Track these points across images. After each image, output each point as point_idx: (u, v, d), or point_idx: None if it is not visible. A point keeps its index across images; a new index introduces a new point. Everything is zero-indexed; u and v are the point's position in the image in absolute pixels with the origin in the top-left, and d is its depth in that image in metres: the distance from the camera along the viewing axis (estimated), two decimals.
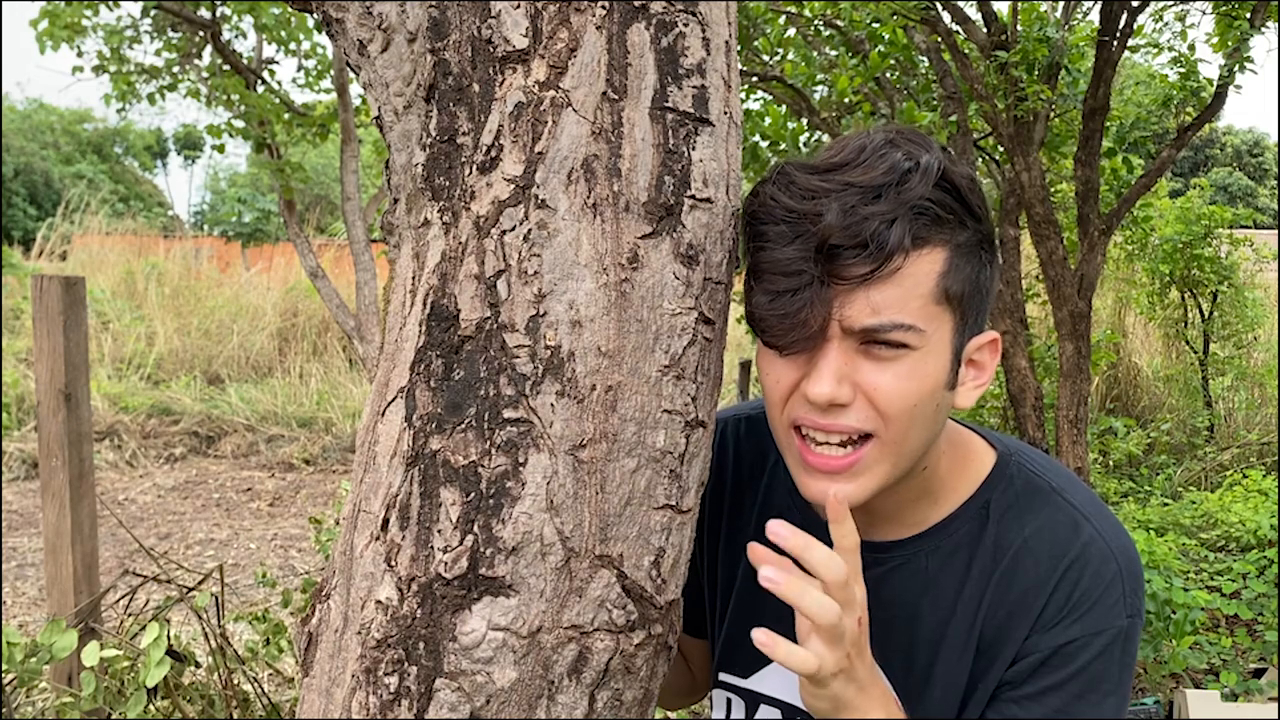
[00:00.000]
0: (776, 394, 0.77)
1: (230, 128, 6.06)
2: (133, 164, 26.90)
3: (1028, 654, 0.79)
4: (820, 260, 0.71)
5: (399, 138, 0.77)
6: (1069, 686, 0.77)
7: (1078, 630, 0.77)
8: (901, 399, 0.73)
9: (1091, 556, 0.79)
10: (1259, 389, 6.79)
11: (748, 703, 0.93)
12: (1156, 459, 5.89)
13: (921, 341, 0.73)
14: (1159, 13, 4.13)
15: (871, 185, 0.71)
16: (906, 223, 0.71)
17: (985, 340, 0.79)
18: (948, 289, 0.73)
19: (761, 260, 0.74)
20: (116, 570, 4.26)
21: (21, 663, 1.92)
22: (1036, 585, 0.79)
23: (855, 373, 0.73)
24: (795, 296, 0.71)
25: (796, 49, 4.52)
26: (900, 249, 0.70)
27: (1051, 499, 0.82)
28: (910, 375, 0.73)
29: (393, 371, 0.75)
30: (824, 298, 0.71)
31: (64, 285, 2.20)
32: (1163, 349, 7.47)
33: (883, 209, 0.70)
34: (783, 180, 0.74)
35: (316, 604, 0.79)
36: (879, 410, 0.74)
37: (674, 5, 0.73)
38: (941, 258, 0.73)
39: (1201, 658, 2.99)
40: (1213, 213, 6.29)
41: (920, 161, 0.72)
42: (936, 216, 0.72)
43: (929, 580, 0.84)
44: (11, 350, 8.19)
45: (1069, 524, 0.81)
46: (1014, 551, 0.81)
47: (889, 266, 0.70)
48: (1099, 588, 0.78)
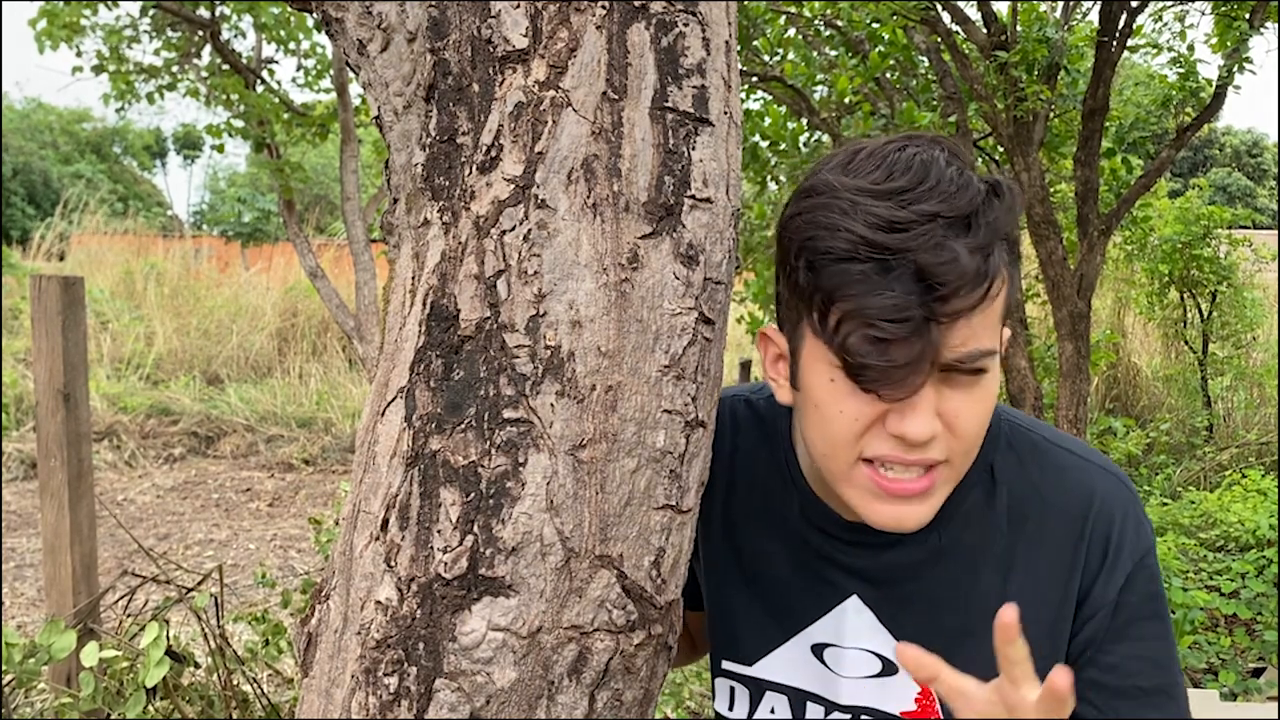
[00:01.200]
0: (850, 430, 0.74)
1: (230, 127, 6.06)
2: (132, 164, 26.89)
3: (1096, 608, 0.81)
4: (927, 302, 0.68)
5: (399, 137, 0.76)
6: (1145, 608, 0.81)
7: (1130, 564, 0.81)
8: (979, 422, 0.74)
9: (1110, 495, 0.82)
10: (1258, 389, 6.80)
11: (752, 691, 0.92)
12: (1156, 459, 5.89)
13: (995, 364, 0.74)
14: (1158, 13, 4.13)
15: (959, 215, 0.69)
16: (1002, 252, 0.70)
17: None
18: (1009, 305, 0.75)
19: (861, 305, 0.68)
20: (115, 571, 4.26)
21: (20, 663, 1.92)
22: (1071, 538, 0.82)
23: (942, 403, 0.73)
24: (907, 344, 0.68)
25: (796, 49, 4.52)
26: (1000, 278, 0.70)
27: (1053, 451, 0.85)
28: (985, 397, 0.74)
29: (392, 371, 0.75)
30: (932, 340, 0.69)
31: (63, 285, 2.20)
32: (1162, 349, 7.47)
33: (980, 242, 0.69)
34: (849, 207, 0.69)
35: (316, 604, 0.79)
36: (957, 435, 0.74)
37: (674, 5, 0.73)
38: (1008, 276, 0.73)
39: (1200, 657, 2.99)
40: (1212, 213, 6.30)
41: (994, 185, 0.72)
42: (1008, 237, 0.72)
43: (942, 551, 0.84)
44: (10, 350, 8.19)
45: (1079, 472, 0.83)
46: (1036, 514, 0.83)
47: (990, 298, 0.70)
48: (1129, 521, 0.82)
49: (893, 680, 0.85)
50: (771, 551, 0.90)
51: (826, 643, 0.88)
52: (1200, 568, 3.78)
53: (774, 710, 0.91)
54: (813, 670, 0.88)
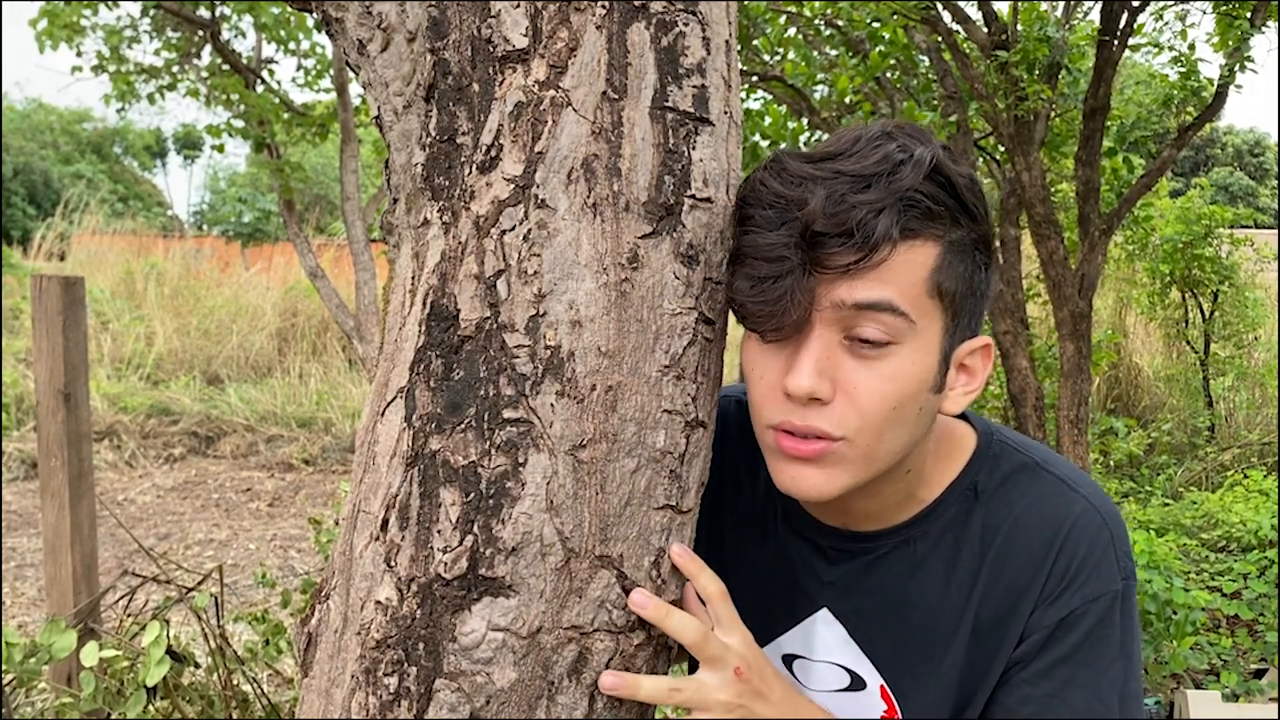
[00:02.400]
0: (760, 390, 0.76)
1: (230, 127, 6.06)
2: (132, 164, 26.89)
3: (1032, 631, 0.78)
4: (804, 247, 0.69)
5: (399, 137, 0.76)
6: (1076, 656, 0.77)
7: (1078, 600, 0.77)
8: (881, 400, 0.72)
9: (1084, 526, 0.78)
10: (1260, 389, 6.79)
11: None
12: (1157, 459, 5.88)
13: (909, 335, 0.71)
14: (1159, 12, 4.13)
15: (862, 174, 0.70)
16: (895, 213, 0.69)
17: (978, 345, 0.77)
18: (940, 284, 0.72)
19: (745, 245, 0.72)
20: (116, 570, 4.26)
21: (21, 663, 1.92)
22: (1033, 561, 0.78)
23: (837, 369, 0.72)
24: (777, 283, 0.69)
25: (796, 49, 4.52)
26: (887, 239, 0.69)
27: (1038, 474, 0.82)
28: (894, 376, 0.71)
29: (392, 371, 0.75)
30: (806, 286, 0.69)
31: (63, 285, 2.20)
32: (1163, 349, 7.47)
33: (871, 198, 0.69)
34: (775, 167, 0.73)
35: (316, 604, 0.79)
36: (858, 410, 0.72)
37: (674, 5, 0.72)
38: (933, 252, 0.71)
39: (1202, 658, 2.99)
40: (1213, 212, 6.29)
41: (914, 153, 0.70)
42: (928, 210, 0.70)
43: (916, 565, 0.82)
44: (11, 350, 8.19)
45: (1059, 497, 0.80)
46: (1006, 530, 0.80)
47: (875, 256, 0.69)
48: (1094, 556, 0.77)
49: (860, 695, 0.85)
50: (752, 556, 0.89)
51: (796, 654, 0.87)
52: (1202, 568, 3.78)
53: None
54: None
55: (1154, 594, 2.75)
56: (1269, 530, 3.76)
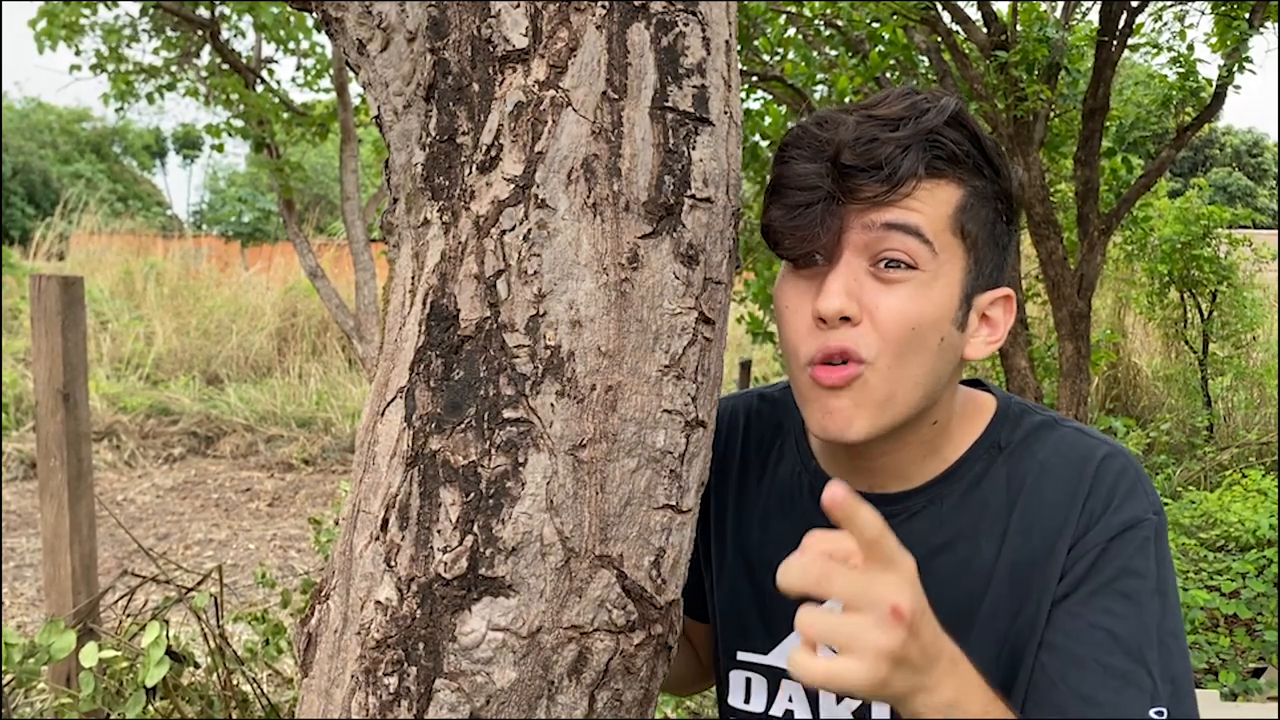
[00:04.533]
0: (794, 326, 0.78)
1: (229, 127, 6.06)
2: (131, 163, 26.87)
3: (1073, 563, 0.78)
4: (835, 177, 0.74)
5: (398, 137, 0.76)
6: (1117, 584, 0.77)
7: (1117, 525, 0.78)
8: (902, 319, 0.75)
9: (1110, 463, 0.81)
10: (1258, 389, 6.80)
11: (769, 679, 0.91)
12: (1156, 459, 5.89)
13: (931, 264, 0.75)
14: (1158, 13, 4.13)
15: (890, 117, 0.75)
16: (920, 150, 0.74)
17: (999, 295, 0.81)
18: (963, 225, 0.76)
19: (780, 175, 0.78)
20: (115, 571, 4.26)
21: (20, 663, 1.92)
22: (1064, 501, 0.80)
23: (862, 293, 0.75)
24: (809, 210, 0.74)
25: (796, 49, 4.52)
26: (913, 174, 0.74)
27: (1057, 427, 0.85)
28: (914, 297, 0.75)
29: (392, 371, 0.75)
30: (836, 213, 0.74)
31: (62, 285, 2.20)
32: (1162, 349, 7.47)
33: (899, 135, 0.74)
34: (814, 117, 0.79)
35: (316, 604, 0.79)
36: (879, 330, 0.75)
37: (674, 5, 0.72)
38: (957, 194, 0.76)
39: (1201, 657, 2.99)
40: (1212, 213, 6.30)
41: (940, 101, 0.76)
42: (952, 153, 0.75)
43: (944, 523, 0.83)
44: (10, 350, 8.19)
45: (1081, 443, 0.82)
46: (1033, 478, 0.82)
47: (901, 190, 0.74)
48: (1125, 485, 0.79)
49: None
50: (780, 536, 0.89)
51: None
52: (1200, 568, 3.78)
53: (791, 700, 0.90)
54: None
55: None
56: (1267, 530, 3.77)
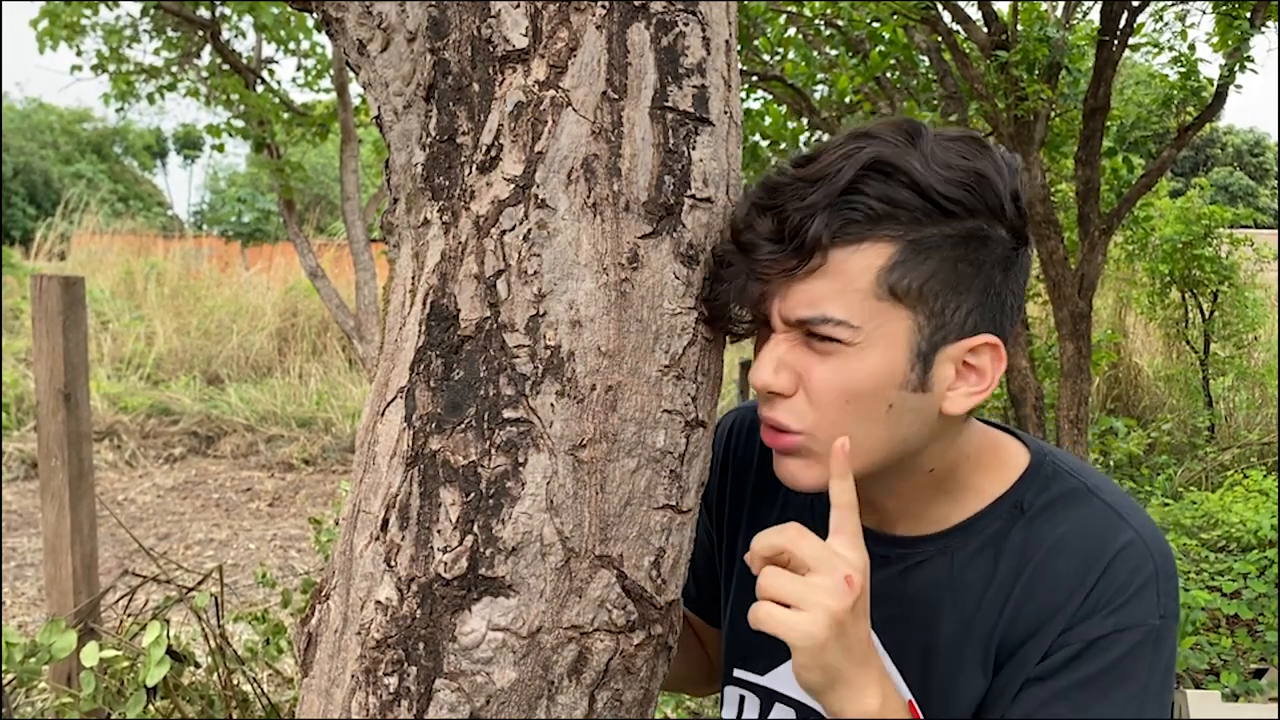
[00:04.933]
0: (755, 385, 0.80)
1: (230, 127, 6.06)
2: (132, 163, 26.87)
3: (1059, 649, 0.75)
4: (742, 254, 0.72)
5: (399, 137, 0.76)
6: (1098, 682, 0.74)
7: (1111, 625, 0.74)
8: (834, 391, 0.72)
9: (1129, 555, 0.75)
10: (1260, 389, 6.79)
11: (763, 700, 0.91)
12: (1157, 459, 5.88)
13: (856, 337, 0.71)
14: (1159, 12, 4.13)
15: (811, 178, 0.71)
16: (827, 217, 0.69)
17: (978, 343, 0.74)
18: (893, 285, 0.70)
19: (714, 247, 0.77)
20: (116, 570, 4.26)
21: (21, 663, 1.92)
22: (1071, 581, 0.76)
23: (796, 362, 0.74)
24: (729, 286, 0.73)
25: (796, 49, 4.52)
26: (818, 245, 0.69)
27: (1088, 499, 0.79)
28: (843, 369, 0.72)
29: (392, 371, 0.75)
30: (752, 290, 0.73)
31: (63, 285, 2.20)
32: (1163, 349, 7.47)
33: (807, 203, 0.70)
34: (760, 177, 0.76)
35: (316, 604, 0.79)
36: (812, 402, 0.74)
37: (674, 5, 0.72)
38: (884, 253, 0.70)
39: (1202, 658, 2.99)
40: (1213, 212, 6.29)
41: (861, 154, 0.70)
42: (870, 210, 0.69)
43: (953, 578, 0.81)
44: (11, 350, 8.19)
45: (1107, 523, 0.77)
46: (1046, 550, 0.77)
47: (811, 262, 0.70)
48: (1135, 584, 0.75)
49: None
50: None
51: None
52: (1202, 568, 3.78)
53: None
54: None
55: None
56: (1269, 530, 3.76)
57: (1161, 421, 6.32)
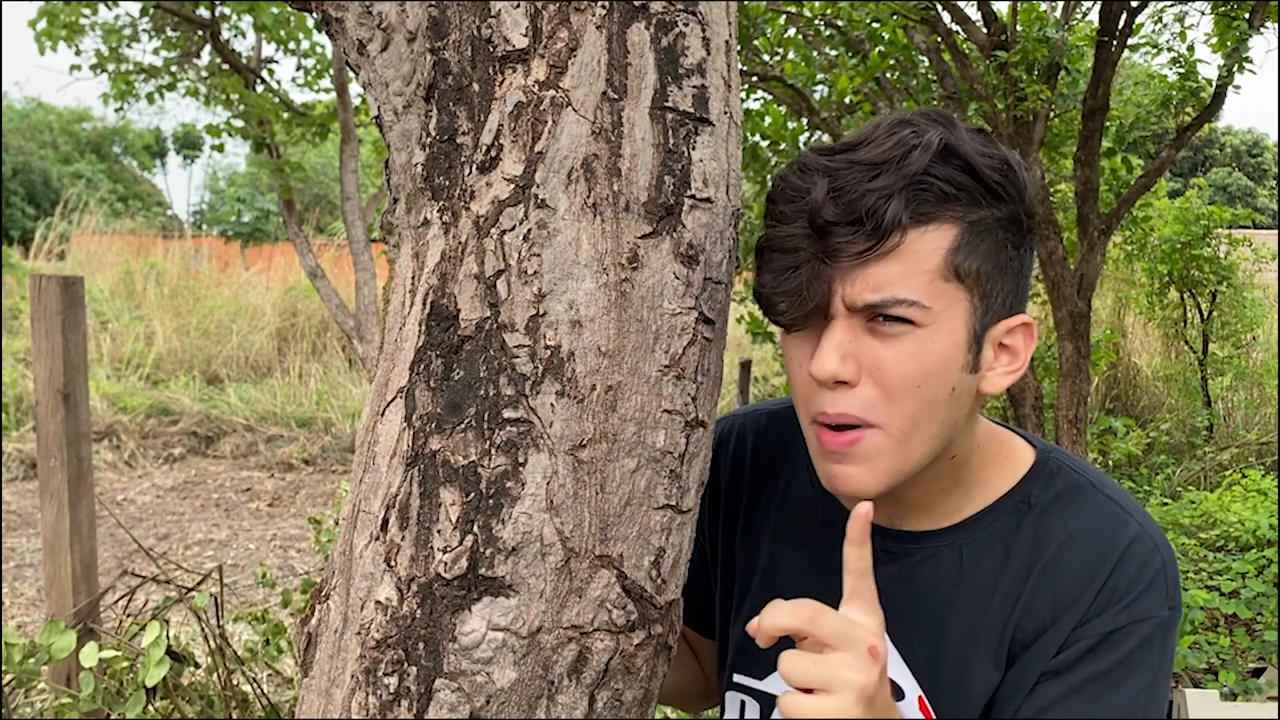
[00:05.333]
0: (798, 382, 0.77)
1: (229, 127, 6.06)
2: (131, 163, 26.86)
3: (1074, 642, 0.77)
4: (816, 237, 0.71)
5: (398, 137, 0.76)
6: (1112, 675, 0.76)
7: (1125, 617, 0.76)
8: (905, 377, 0.72)
9: (1138, 550, 0.78)
10: (1258, 389, 6.80)
11: (763, 705, 0.91)
12: (1156, 459, 5.89)
13: (928, 319, 0.71)
14: (1158, 13, 4.13)
15: (874, 161, 0.71)
16: (904, 198, 0.70)
17: (1015, 323, 0.76)
18: (958, 266, 0.71)
19: (765, 238, 0.75)
20: (115, 571, 4.26)
21: (20, 663, 1.92)
22: (1084, 576, 0.77)
23: (860, 351, 0.72)
24: (794, 274, 0.71)
25: (796, 49, 4.52)
26: (897, 225, 0.69)
27: (1094, 495, 0.81)
28: (915, 353, 0.72)
29: (392, 371, 0.75)
30: (822, 275, 0.71)
31: (62, 285, 2.20)
32: (1162, 349, 7.47)
33: (881, 184, 0.70)
34: (797, 162, 0.75)
35: (316, 604, 0.79)
36: (882, 390, 0.72)
37: (674, 5, 0.73)
38: (950, 234, 0.71)
39: (1201, 657, 2.99)
40: (1212, 213, 6.30)
41: (924, 137, 0.71)
42: (941, 193, 0.71)
43: (963, 572, 0.81)
44: (10, 350, 8.19)
45: (1114, 518, 0.79)
46: (1057, 545, 0.79)
47: (887, 243, 0.70)
48: (1146, 577, 0.77)
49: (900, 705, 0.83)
50: (792, 562, 0.88)
51: None
52: (1200, 567, 3.78)
53: None
54: None
55: None
56: (1267, 529, 3.77)
57: (1160, 421, 6.33)
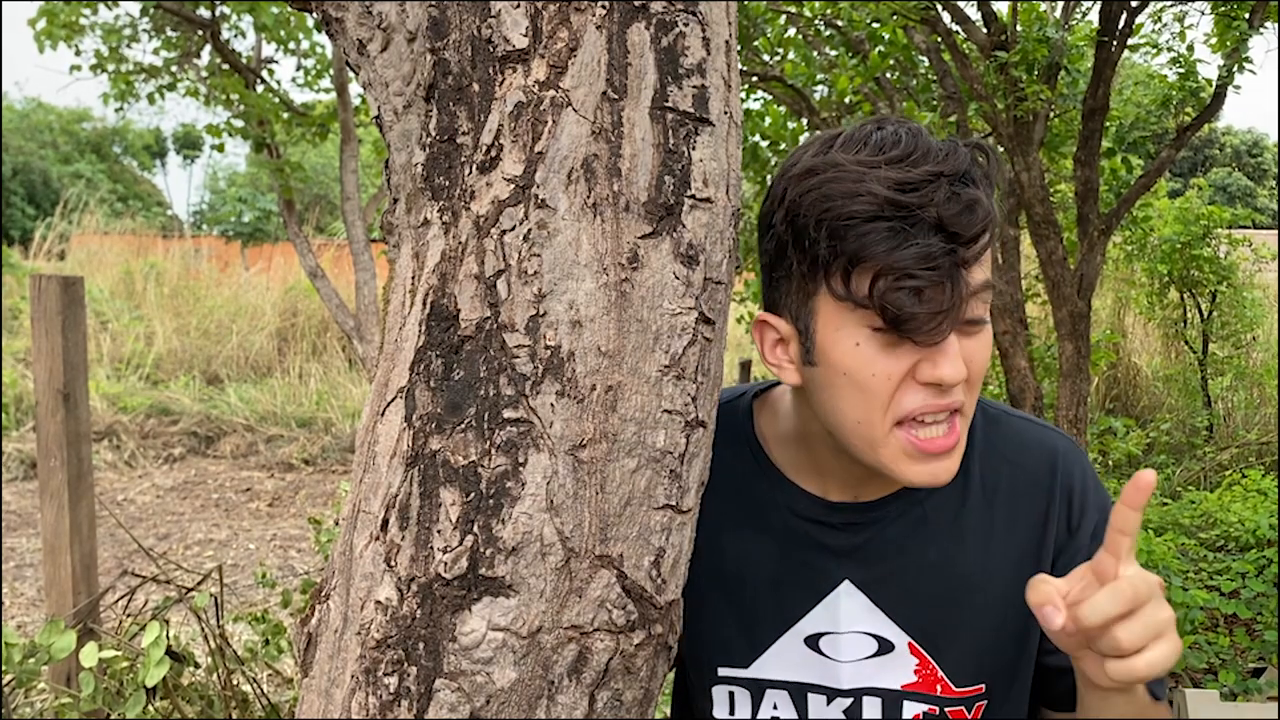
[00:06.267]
0: (884, 390, 0.76)
1: (229, 127, 6.06)
2: (131, 163, 26.85)
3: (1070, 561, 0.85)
4: (953, 248, 0.74)
5: (399, 137, 0.76)
6: None
7: (1095, 516, 0.87)
8: (983, 367, 0.79)
9: (1068, 454, 0.89)
10: (1258, 389, 6.80)
11: (753, 692, 0.92)
12: (1156, 459, 5.89)
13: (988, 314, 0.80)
14: (1158, 13, 4.13)
15: (958, 172, 0.75)
16: (992, 200, 0.77)
17: None
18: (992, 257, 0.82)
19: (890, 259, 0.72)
20: (115, 571, 4.26)
21: (20, 663, 1.91)
22: (1039, 492, 0.87)
23: (962, 349, 0.78)
24: (940, 289, 0.73)
25: (796, 49, 4.52)
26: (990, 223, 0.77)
27: (1008, 420, 0.91)
28: (986, 345, 0.79)
29: (392, 371, 0.75)
30: (961, 282, 0.75)
31: (62, 285, 2.20)
32: (1162, 349, 7.48)
33: (975, 191, 0.75)
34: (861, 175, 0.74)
35: (316, 604, 0.79)
36: (972, 381, 0.79)
37: (674, 5, 0.73)
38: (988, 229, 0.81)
39: (1200, 657, 2.99)
40: (1211, 213, 6.30)
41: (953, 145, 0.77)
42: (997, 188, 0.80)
43: (927, 523, 0.88)
44: (10, 350, 8.19)
45: (1037, 434, 0.90)
46: (1006, 474, 0.88)
47: (993, 239, 0.77)
48: (1089, 480, 0.89)
49: (891, 657, 0.88)
50: (754, 551, 0.90)
51: (822, 631, 0.89)
52: (1200, 567, 3.78)
53: (776, 707, 0.91)
54: (809, 661, 0.89)
55: None
56: (1267, 529, 3.77)
57: (1160, 421, 6.33)
